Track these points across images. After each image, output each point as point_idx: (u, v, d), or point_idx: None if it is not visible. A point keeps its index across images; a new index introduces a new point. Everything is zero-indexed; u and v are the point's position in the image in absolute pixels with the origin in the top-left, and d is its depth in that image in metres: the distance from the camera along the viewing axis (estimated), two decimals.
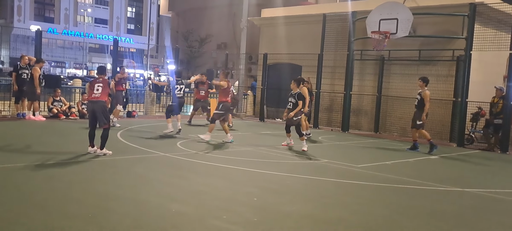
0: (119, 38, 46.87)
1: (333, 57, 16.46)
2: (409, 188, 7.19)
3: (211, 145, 10.34)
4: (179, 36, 45.23)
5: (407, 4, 14.37)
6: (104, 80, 8.44)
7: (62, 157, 7.79)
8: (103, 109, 8.31)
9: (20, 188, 5.69)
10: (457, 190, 7.16)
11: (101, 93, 8.25)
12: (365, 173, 8.09)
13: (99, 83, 8.30)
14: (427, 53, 14.31)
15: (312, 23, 17.23)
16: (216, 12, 39.33)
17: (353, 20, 15.26)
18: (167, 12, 56.79)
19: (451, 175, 8.77)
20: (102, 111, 8.23)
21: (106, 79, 8.55)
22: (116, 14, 71.61)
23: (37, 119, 12.91)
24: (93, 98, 8.27)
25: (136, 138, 10.63)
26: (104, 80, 8.44)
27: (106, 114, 8.38)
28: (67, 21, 66.82)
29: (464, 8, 13.13)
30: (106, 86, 8.36)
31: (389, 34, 13.24)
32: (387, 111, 15.49)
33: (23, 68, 13.12)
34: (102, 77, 8.49)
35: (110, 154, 8.18)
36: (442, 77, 13.96)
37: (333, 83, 16.61)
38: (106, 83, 8.44)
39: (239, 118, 18.74)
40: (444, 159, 10.55)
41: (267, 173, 7.61)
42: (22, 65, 13.14)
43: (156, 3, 71.73)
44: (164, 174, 7.08)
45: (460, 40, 13.18)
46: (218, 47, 38.49)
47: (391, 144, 12.84)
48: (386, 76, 15.45)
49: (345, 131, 15.41)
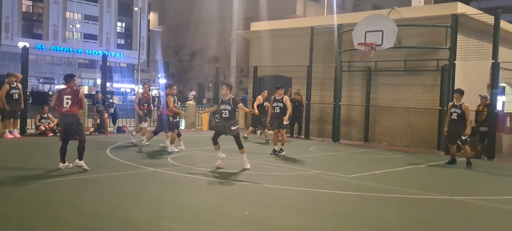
0: (109, 53, 46.90)
1: (322, 69, 16.72)
2: (399, 197, 7.34)
3: (203, 159, 10.43)
4: (169, 50, 45.38)
5: (392, 16, 14.72)
6: (72, 91, 8.06)
7: (49, 175, 7.79)
8: (76, 122, 8.05)
9: (5, 206, 5.67)
10: (445, 198, 7.32)
11: (71, 105, 7.97)
12: (356, 183, 8.24)
13: (67, 95, 7.97)
14: (413, 64, 14.61)
15: (300, 35, 17.51)
16: (206, 26, 39.60)
17: (339, 32, 15.56)
18: (157, 27, 57.01)
19: (439, 183, 8.96)
20: (75, 125, 7.99)
21: (75, 89, 8.12)
22: (106, 29, 71.62)
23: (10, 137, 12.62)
24: (65, 112, 7.99)
25: (126, 154, 10.68)
26: (72, 91, 8.06)
27: (79, 127, 8.14)
28: (55, 37, 66.66)
29: (447, 19, 13.49)
30: (75, 97, 8.01)
31: (375, 45, 13.53)
32: (376, 121, 15.74)
33: (13, 87, 13.02)
34: (70, 87, 8.09)
35: (86, 169, 8.07)
36: (428, 87, 14.25)
37: (323, 95, 16.86)
38: (75, 93, 8.05)
39: None
40: (432, 167, 10.76)
41: (259, 186, 7.71)
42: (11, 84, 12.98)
43: (146, 18, 71.97)
44: (154, 190, 7.09)
45: (444, 50, 13.50)
46: (209, 61, 38.68)
47: (381, 153, 13.05)
48: (374, 87, 15.73)
49: (336, 141, 15.60)
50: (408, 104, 14.42)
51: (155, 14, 57.22)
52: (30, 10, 66.76)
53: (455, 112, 10.40)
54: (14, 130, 12.88)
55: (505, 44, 14.92)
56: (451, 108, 10.52)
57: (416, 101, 13.60)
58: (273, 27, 19.68)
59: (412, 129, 13.68)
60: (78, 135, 8.08)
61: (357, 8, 39.89)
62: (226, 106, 9.03)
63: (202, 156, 11.01)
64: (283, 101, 11.50)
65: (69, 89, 8.10)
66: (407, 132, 14.60)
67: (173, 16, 47.51)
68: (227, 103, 9.03)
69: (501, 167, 11.10)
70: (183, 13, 43.82)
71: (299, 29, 18.07)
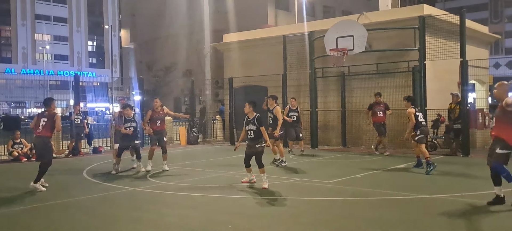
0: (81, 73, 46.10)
1: (296, 77, 16.85)
2: (380, 199, 7.42)
3: (182, 175, 10.31)
4: (143, 66, 44.95)
5: (361, 21, 15.00)
6: (49, 115, 8.40)
7: (22, 201, 7.56)
8: (44, 145, 8.38)
9: None
10: (426, 197, 7.42)
11: (44, 128, 8.32)
12: (337, 188, 8.29)
13: (44, 118, 8.36)
14: (384, 66, 14.89)
15: (273, 44, 17.63)
16: (179, 40, 39.45)
17: (311, 39, 15.74)
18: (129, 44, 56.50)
19: (418, 182, 9.08)
20: (42, 148, 8.40)
21: (53, 113, 8.46)
22: (77, 49, 70.47)
23: None
24: (37, 133, 8.40)
25: (103, 175, 10.45)
26: (49, 115, 8.40)
27: (47, 150, 8.46)
28: (25, 60, 65.17)
29: (414, 21, 13.83)
30: (51, 121, 8.35)
31: (346, 50, 13.74)
32: (353, 125, 15.93)
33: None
34: (48, 111, 8.45)
35: (42, 190, 8.17)
36: (401, 88, 14.52)
37: (299, 102, 16.86)
38: (52, 116, 8.38)
39: (209, 143, 18.75)
40: (410, 167, 10.92)
41: (241, 198, 7.67)
42: None
43: (117, 36, 71.18)
44: (134, 209, 6.96)
45: (414, 51, 13.82)
46: (184, 75, 38.48)
47: (360, 156, 13.18)
48: (348, 91, 15.93)
49: (315, 147, 15.69)
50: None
51: (126, 31, 56.73)
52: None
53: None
54: None
55: (472, 42, 15.37)
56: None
57: (390, 103, 13.81)
58: (245, 38, 19.75)
59: (388, 130, 13.87)
60: (41, 157, 8.43)
61: (326, 14, 40.54)
62: (251, 126, 8.44)
63: (181, 171, 10.88)
64: (273, 112, 11.38)
65: (47, 112, 8.47)
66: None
67: (145, 32, 47.19)
68: (252, 123, 8.45)
69: (477, 162, 11.36)
70: (154, 29, 43.57)
71: (272, 38, 18.21)
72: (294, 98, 13.61)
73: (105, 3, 73.49)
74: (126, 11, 56.63)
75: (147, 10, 45.16)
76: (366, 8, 21.19)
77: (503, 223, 5.96)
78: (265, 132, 8.53)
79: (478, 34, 17.35)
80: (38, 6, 66.56)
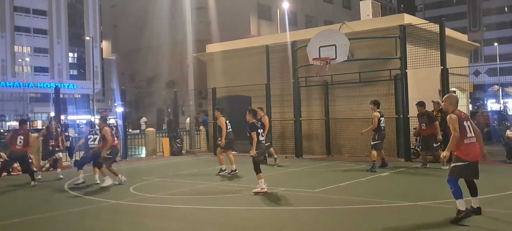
0: (61, 85, 45.45)
1: (280, 86, 16.88)
2: (365, 207, 7.42)
3: (165, 187, 10.17)
4: (125, 77, 44.50)
5: (343, 31, 15.15)
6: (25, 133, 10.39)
7: (4, 215, 7.35)
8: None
9: None
10: (410, 204, 7.44)
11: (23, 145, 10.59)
12: (322, 197, 8.27)
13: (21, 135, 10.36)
14: (367, 75, 15.04)
15: (256, 54, 17.66)
16: (161, 51, 39.22)
17: (294, 49, 15.82)
18: (110, 55, 55.94)
19: (402, 189, 9.14)
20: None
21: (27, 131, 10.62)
22: (57, 61, 69.45)
23: None
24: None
25: (85, 188, 10.23)
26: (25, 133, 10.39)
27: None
28: (4, 72, 63.91)
29: (395, 30, 14.03)
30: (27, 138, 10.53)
31: (329, 60, 13.83)
32: (336, 133, 16.00)
33: None
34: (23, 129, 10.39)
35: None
36: (383, 96, 14.66)
37: (283, 111, 16.98)
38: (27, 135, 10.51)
39: (193, 154, 18.59)
40: (394, 175, 11.00)
41: (226, 209, 7.59)
42: None
43: (99, 47, 70.47)
44: (117, 223, 6.85)
45: (395, 60, 14.00)
46: (167, 85, 38.21)
47: (343, 165, 13.22)
48: (332, 100, 16.02)
49: (299, 156, 15.69)
50: (366, 115, 14.71)
51: (107, 42, 56.19)
52: None
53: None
54: None
55: (451, 50, 15.65)
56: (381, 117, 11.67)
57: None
58: (228, 48, 19.75)
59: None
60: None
61: (309, 24, 40.96)
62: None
63: (164, 183, 10.73)
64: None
65: (23, 131, 10.75)
66: (367, 142, 14.86)
67: (126, 43, 46.81)
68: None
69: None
70: (136, 40, 43.27)
71: (255, 48, 18.23)
72: (260, 108, 13.55)
73: (86, 14, 72.79)
74: (107, 22, 56.17)
75: (129, 21, 44.88)
76: (348, 18, 21.47)
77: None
78: (254, 140, 8.77)
79: (457, 42, 17.69)
80: (18, 18, 65.50)
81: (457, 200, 6.06)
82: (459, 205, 6.05)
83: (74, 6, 72.54)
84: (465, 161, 6.06)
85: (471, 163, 6.08)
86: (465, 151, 6.06)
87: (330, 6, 46.57)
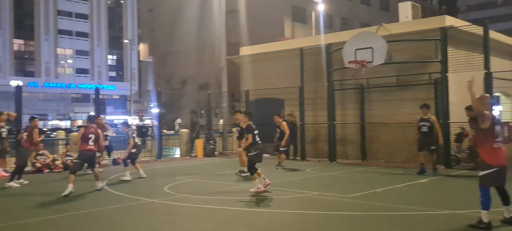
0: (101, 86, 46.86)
1: (313, 89, 16.68)
2: (401, 215, 7.17)
3: (198, 187, 10.22)
4: (161, 79, 45.45)
5: (380, 33, 14.79)
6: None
7: (45, 211, 7.59)
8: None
9: None
10: (448, 213, 7.15)
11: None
12: (356, 203, 8.07)
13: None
14: (405, 79, 14.62)
15: (290, 57, 17.54)
16: (195, 54, 39.81)
17: (329, 51, 15.60)
18: (147, 57, 57.32)
19: (441, 197, 8.79)
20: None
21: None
22: (97, 63, 71.82)
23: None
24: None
25: (122, 186, 10.46)
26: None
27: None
28: (48, 73, 66.69)
29: (435, 33, 13.57)
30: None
31: (365, 63, 13.54)
32: (372, 138, 15.62)
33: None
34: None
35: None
36: (422, 101, 14.11)
37: (316, 115, 16.77)
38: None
39: (226, 156, 18.66)
40: (433, 182, 10.61)
41: (257, 211, 7.53)
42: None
43: (136, 49, 72.34)
44: (151, 221, 6.93)
45: (436, 63, 13.53)
46: (200, 88, 38.70)
47: (379, 170, 12.89)
48: (368, 104, 15.67)
49: (333, 161, 15.43)
50: (404, 120, 14.32)
51: (145, 45, 57.63)
52: (22, 48, 66.98)
53: (424, 126, 11.64)
54: (0, 169, 12.65)
55: (495, 53, 14.97)
56: (420, 122, 11.73)
57: (411, 116, 13.50)
58: (262, 51, 19.73)
59: (409, 144, 13.52)
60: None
61: (345, 26, 40.34)
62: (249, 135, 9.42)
63: (197, 184, 10.80)
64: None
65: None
66: (404, 147, 14.44)
67: (163, 46, 47.80)
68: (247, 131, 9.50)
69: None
70: (172, 42, 44.11)
71: (288, 51, 18.12)
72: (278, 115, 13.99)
73: (125, 18, 74.97)
74: (145, 26, 57.59)
75: (165, 24, 45.81)
76: (386, 20, 20.96)
77: None
78: (249, 141, 9.25)
79: (502, 45, 16.95)
80: (61, 22, 68.27)
81: (483, 210, 5.94)
82: (483, 215, 5.94)
83: (113, 10, 74.88)
84: (493, 167, 5.92)
85: (500, 168, 5.95)
86: (492, 156, 5.93)
87: (367, 8, 45.73)
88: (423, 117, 11.74)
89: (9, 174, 12.63)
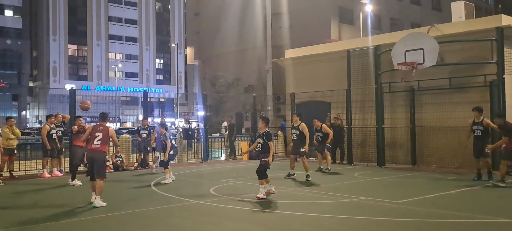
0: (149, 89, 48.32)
1: (361, 92, 16.32)
2: (454, 222, 6.84)
3: (244, 189, 10.25)
4: (206, 82, 46.20)
5: (432, 34, 14.24)
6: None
7: (94, 211, 7.85)
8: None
9: None
10: (504, 221, 6.76)
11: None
12: (407, 209, 7.78)
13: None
14: (458, 81, 13.99)
15: (337, 60, 17.27)
16: (241, 56, 40.13)
17: (377, 53, 15.20)
18: (193, 61, 58.43)
19: (496, 205, 8.31)
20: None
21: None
22: (145, 66, 74.13)
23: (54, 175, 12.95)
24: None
25: (169, 187, 10.69)
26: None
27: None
28: (99, 77, 69.59)
29: (491, 33, 12.89)
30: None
31: (416, 64, 13.08)
32: (423, 142, 15.05)
33: (57, 127, 13.39)
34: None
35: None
36: (476, 104, 13.46)
37: (364, 118, 16.38)
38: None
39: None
40: (489, 188, 10.06)
41: (303, 215, 7.44)
42: (57, 124, 13.39)
43: (183, 53, 74.03)
44: (196, 222, 7.03)
45: (491, 65, 12.85)
46: (246, 90, 38.97)
47: (431, 176, 12.39)
48: (418, 107, 15.13)
49: (381, 165, 15.01)
50: (457, 123, 13.70)
51: (191, 48, 58.78)
52: (76, 53, 70.33)
53: (477, 129, 11.05)
54: (54, 169, 13.23)
55: None
56: (473, 126, 11.16)
57: (465, 120, 12.89)
58: (308, 53, 19.55)
59: (463, 148, 12.91)
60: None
61: (394, 27, 39.17)
62: (260, 140, 9.30)
63: (242, 186, 10.84)
64: (299, 128, 11.55)
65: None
66: (458, 152, 13.80)
67: (208, 49, 48.58)
68: (261, 137, 9.31)
69: None
70: (217, 45, 44.74)
71: (335, 53, 17.84)
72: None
73: (172, 22, 76.89)
74: (191, 30, 58.81)
75: (211, 28, 46.56)
76: (437, 20, 20.20)
77: None
78: (272, 149, 9.15)
79: None
80: (112, 27, 71.11)
81: None
82: None
83: (161, 15, 77.03)
84: None
85: None
86: None
87: (418, 8, 44.21)
88: (476, 120, 11.18)
89: (63, 174, 13.27)
